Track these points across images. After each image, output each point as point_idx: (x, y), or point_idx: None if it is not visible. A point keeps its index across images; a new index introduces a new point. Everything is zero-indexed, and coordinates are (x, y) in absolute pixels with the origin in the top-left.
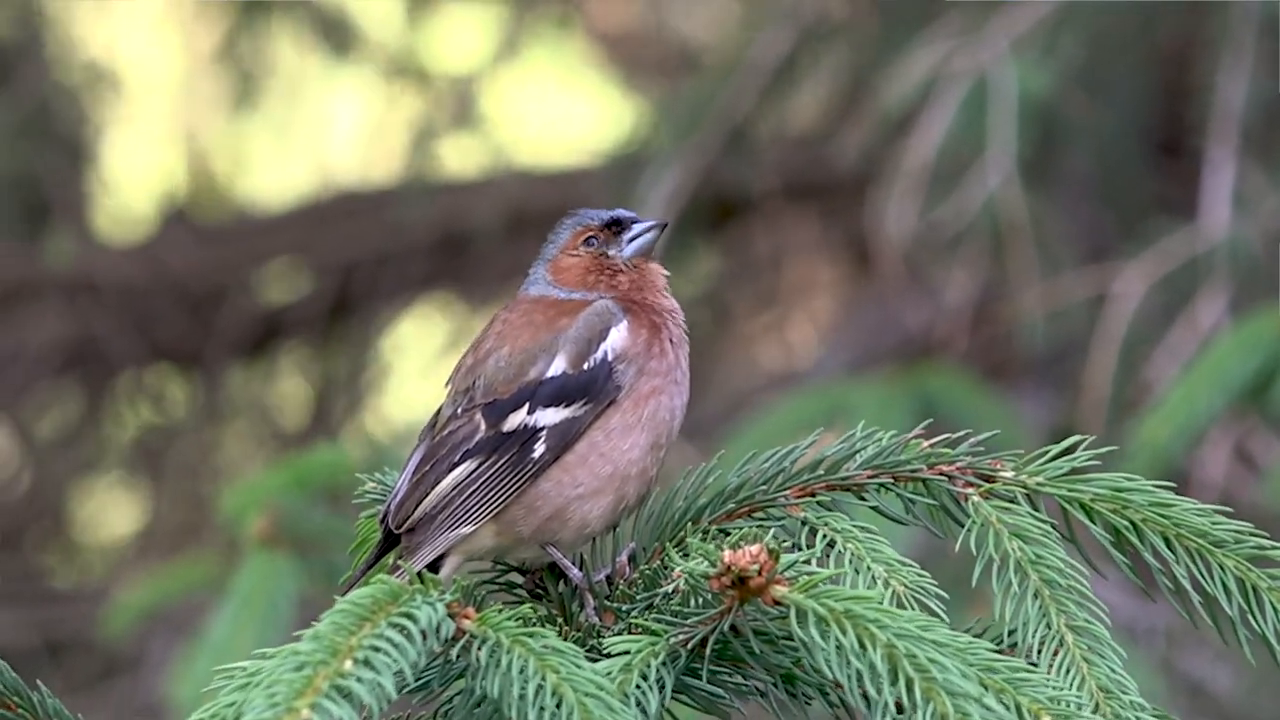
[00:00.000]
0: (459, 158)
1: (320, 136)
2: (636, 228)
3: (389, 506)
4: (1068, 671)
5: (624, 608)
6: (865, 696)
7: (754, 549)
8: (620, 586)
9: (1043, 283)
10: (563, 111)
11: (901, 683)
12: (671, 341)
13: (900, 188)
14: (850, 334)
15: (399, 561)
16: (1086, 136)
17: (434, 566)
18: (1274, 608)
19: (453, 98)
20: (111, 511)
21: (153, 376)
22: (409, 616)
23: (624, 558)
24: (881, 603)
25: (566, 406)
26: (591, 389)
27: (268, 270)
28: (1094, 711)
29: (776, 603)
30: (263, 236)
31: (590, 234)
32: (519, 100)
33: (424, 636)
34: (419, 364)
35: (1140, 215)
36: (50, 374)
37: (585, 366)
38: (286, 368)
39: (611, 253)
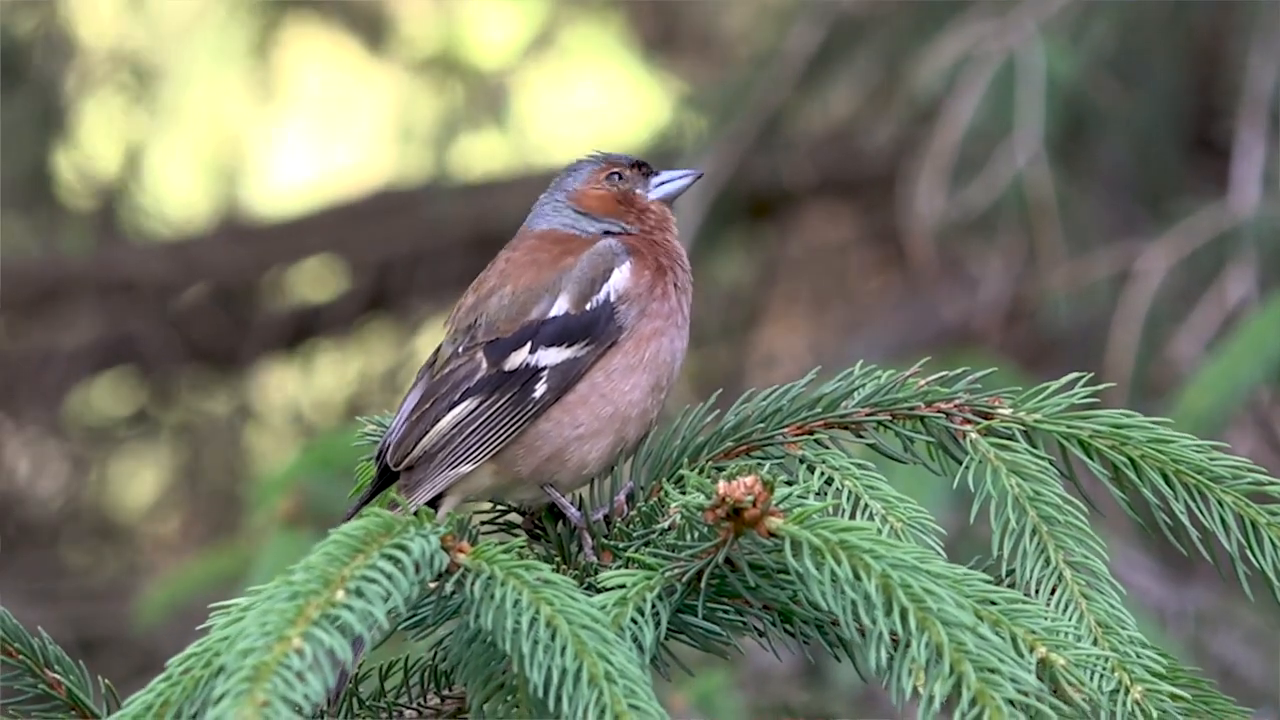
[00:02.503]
0: (492, 155)
1: (354, 133)
2: (667, 174)
3: (386, 443)
4: (1066, 607)
5: (621, 546)
6: (860, 629)
7: (748, 480)
8: (618, 525)
9: (1070, 263)
10: (595, 107)
11: (896, 612)
12: (676, 285)
13: (929, 170)
14: (886, 327)
15: (396, 497)
16: (1117, 121)
17: (432, 505)
18: (1273, 543)
19: (487, 93)
20: (147, 509)
21: (188, 375)
22: (402, 548)
23: (622, 497)
24: (876, 534)
25: (568, 346)
26: (594, 329)
27: (302, 268)
28: (1093, 644)
29: (771, 534)
30: (297, 235)
31: (615, 170)
32: (552, 96)
33: (417, 568)
34: None
35: (1170, 200)
36: (85, 373)
37: (588, 307)
38: (322, 366)
39: (639, 191)
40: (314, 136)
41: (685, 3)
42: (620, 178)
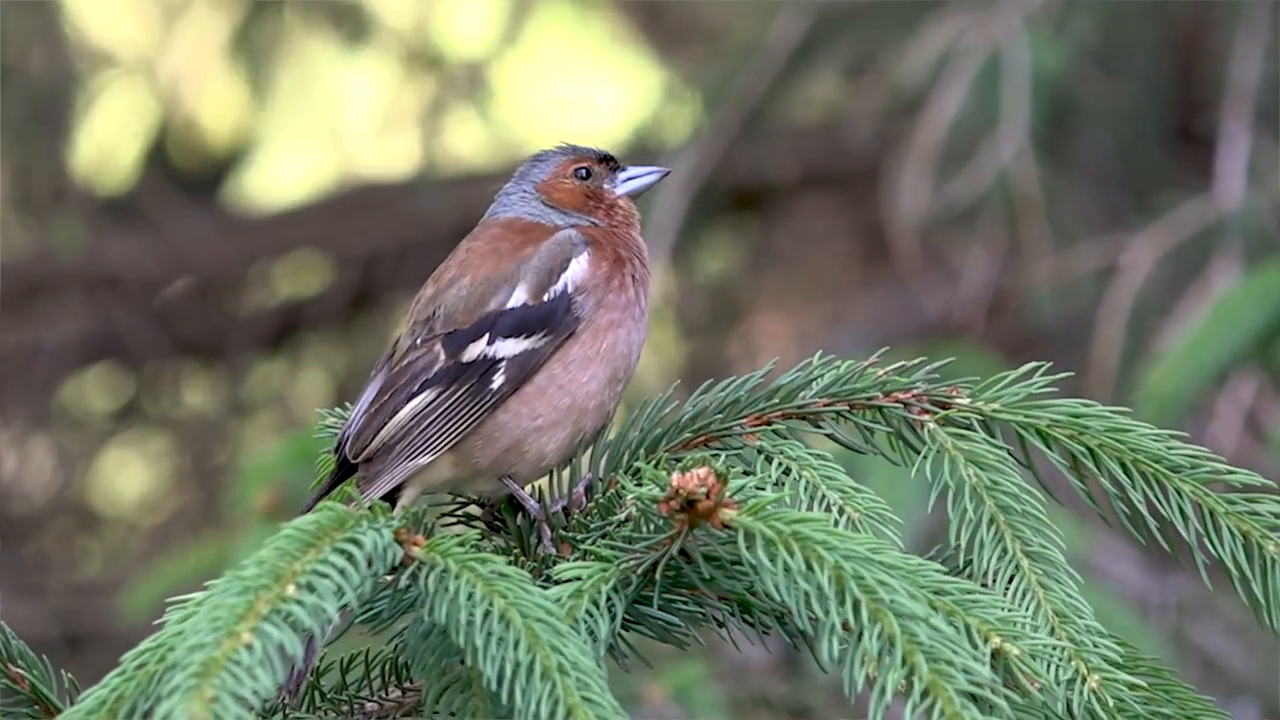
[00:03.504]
0: (476, 147)
1: (337, 126)
2: (634, 169)
3: (345, 435)
4: (1024, 596)
5: (580, 538)
6: (813, 620)
7: (702, 472)
8: (577, 517)
9: (1055, 256)
10: (578, 99)
11: (849, 604)
12: (634, 277)
13: (914, 163)
14: (869, 319)
15: (350, 491)
16: (1101, 114)
17: (391, 498)
18: (1230, 532)
19: (469, 84)
20: (134, 503)
21: (174, 369)
22: (354, 542)
23: (580, 489)
24: (830, 525)
25: (526, 338)
26: (551, 320)
27: (288, 262)
28: (1050, 634)
29: (725, 526)
30: (283, 228)
31: (582, 164)
32: (535, 88)
33: (369, 563)
34: None
35: (1156, 192)
36: (72, 367)
37: (545, 298)
38: (308, 360)
39: (606, 186)
40: (298, 131)
41: None
42: (588, 173)
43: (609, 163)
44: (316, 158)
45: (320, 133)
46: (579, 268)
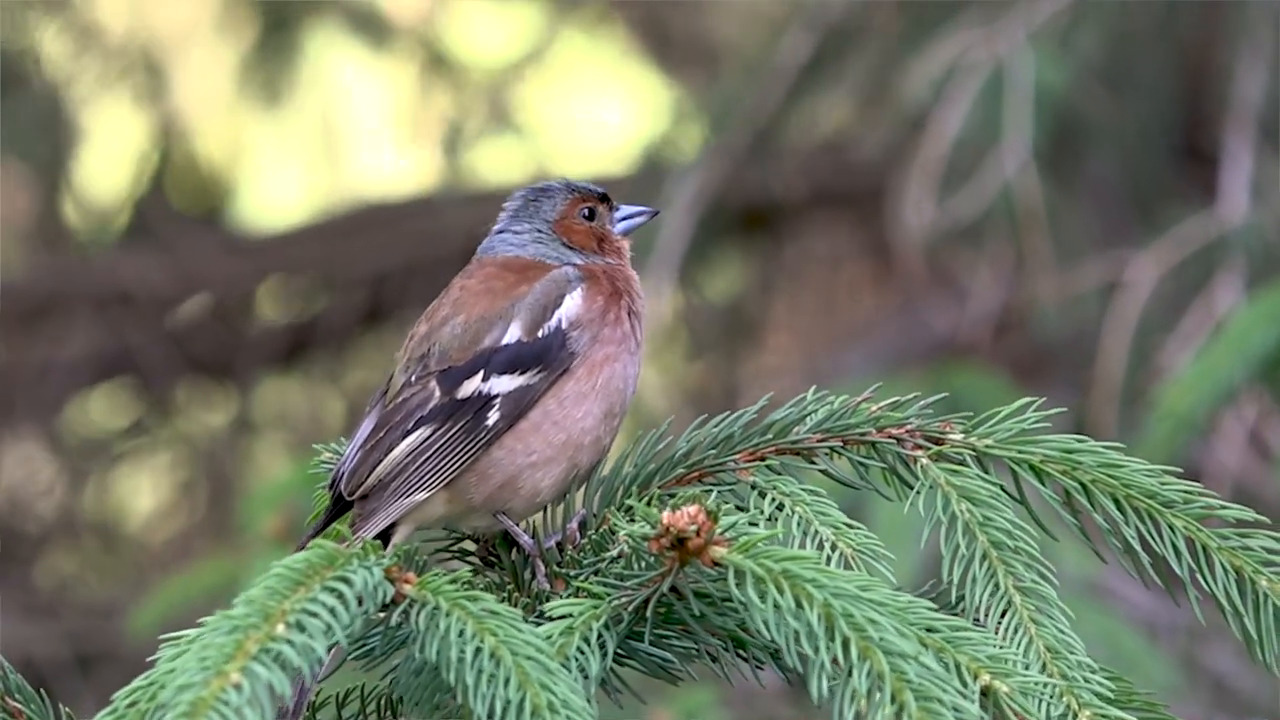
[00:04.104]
0: (488, 164)
1: (351, 144)
2: (627, 208)
3: (339, 472)
4: (1015, 632)
5: (573, 574)
6: (802, 657)
7: (692, 510)
8: (570, 553)
9: (1059, 273)
10: (591, 116)
11: (838, 642)
12: (630, 311)
13: (918, 179)
14: (878, 338)
15: (343, 530)
16: (1105, 130)
17: (385, 535)
18: (1223, 567)
19: (484, 103)
20: (144, 522)
21: (185, 387)
22: (344, 580)
23: (574, 524)
24: (820, 563)
25: (521, 374)
26: (545, 356)
27: (299, 280)
28: (1041, 670)
29: (715, 564)
30: (293, 246)
31: (587, 204)
32: (548, 106)
33: (360, 601)
34: None
35: (1159, 208)
36: (82, 386)
37: (540, 334)
38: (318, 378)
39: (609, 227)
40: (312, 146)
41: (678, 13)
42: (591, 213)
43: (606, 202)
44: (325, 175)
45: (330, 150)
46: (573, 303)
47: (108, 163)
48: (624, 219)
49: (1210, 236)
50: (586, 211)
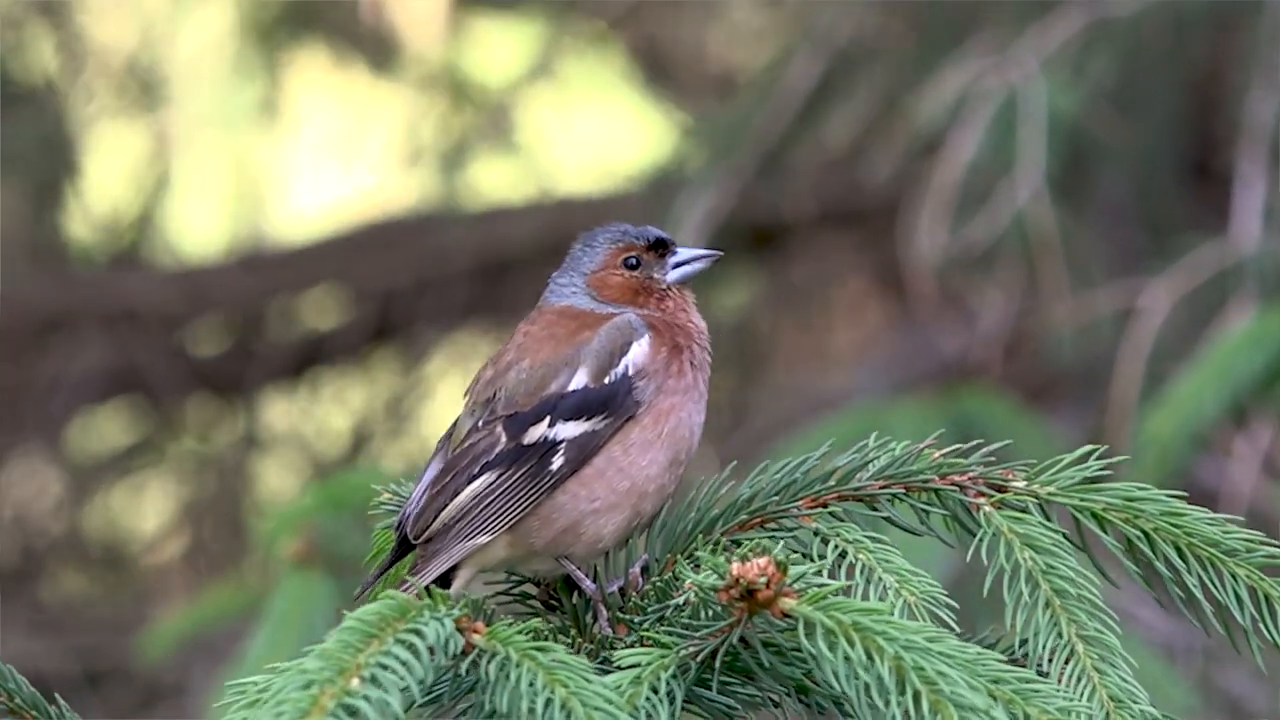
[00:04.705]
0: (497, 183)
1: (359, 161)
2: (684, 253)
3: (406, 515)
4: (1079, 681)
5: (636, 620)
6: (873, 709)
7: (762, 561)
8: (633, 598)
9: (1073, 299)
10: (601, 134)
11: (909, 695)
12: (693, 364)
13: (931, 206)
14: (886, 359)
15: (407, 576)
16: (1119, 156)
17: (446, 578)
18: None
19: (492, 120)
20: (153, 539)
21: (193, 404)
22: (417, 633)
23: (637, 569)
24: (890, 615)
25: (587, 420)
26: (611, 403)
27: (307, 297)
28: None
29: (785, 615)
30: (302, 263)
31: (632, 253)
32: (556, 124)
33: (432, 653)
34: (459, 391)
35: (1173, 234)
36: (90, 402)
37: (606, 381)
38: (327, 394)
39: (656, 275)
40: (320, 164)
41: (682, 34)
42: (637, 261)
43: (660, 248)
44: (336, 191)
45: (340, 166)
46: (640, 351)
47: (114, 179)
48: (679, 264)
49: (1224, 263)
50: (632, 260)
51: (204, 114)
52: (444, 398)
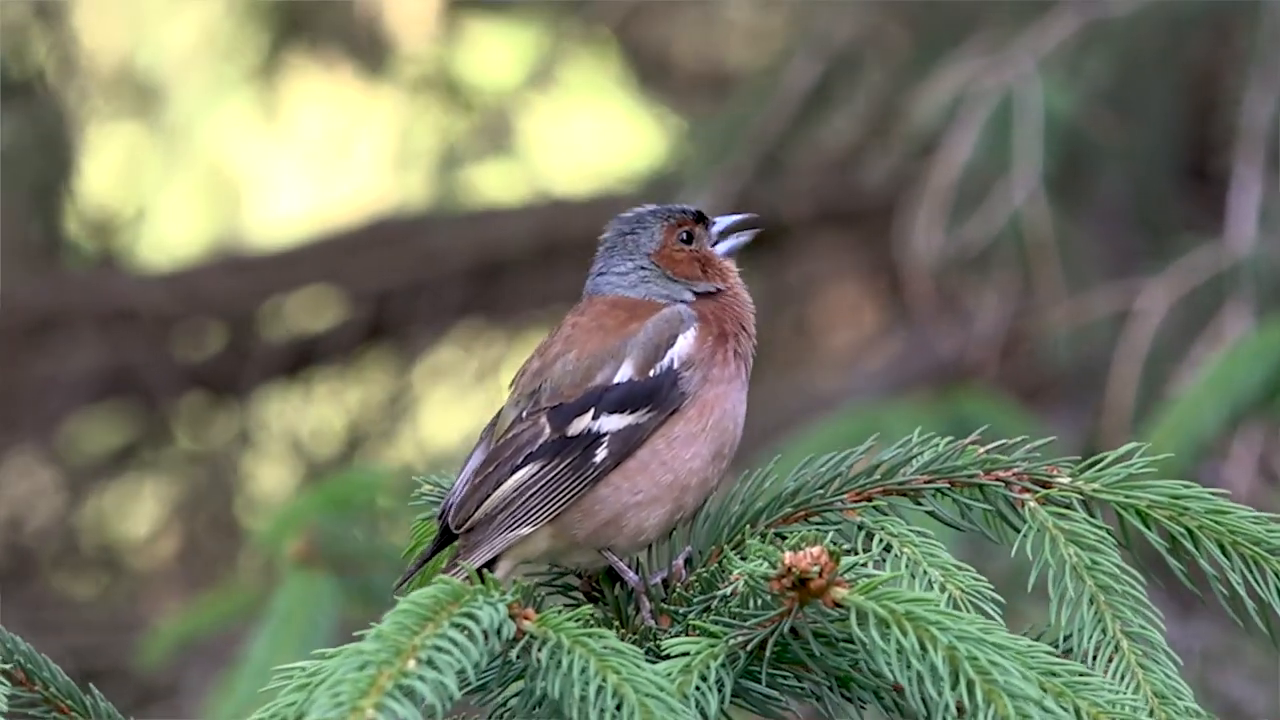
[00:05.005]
0: (493, 183)
1: (354, 161)
2: (722, 221)
3: (448, 505)
4: (1123, 677)
5: (681, 611)
6: (925, 699)
7: (815, 550)
8: (677, 590)
9: (1069, 300)
10: (596, 135)
11: (963, 685)
12: (737, 353)
13: (927, 207)
14: (883, 360)
15: (459, 561)
16: (1115, 157)
17: (488, 568)
18: None
19: (486, 122)
20: (147, 540)
21: (188, 404)
22: (471, 617)
23: (680, 561)
24: (942, 605)
25: (631, 413)
26: (656, 396)
27: (301, 297)
28: (1149, 716)
29: (837, 604)
30: (297, 264)
31: (685, 228)
32: (553, 125)
33: (485, 637)
34: (453, 392)
35: (1169, 235)
36: (85, 402)
37: (651, 373)
38: (321, 395)
39: (709, 249)
40: (314, 164)
41: (682, 36)
42: (690, 236)
43: (701, 220)
44: (325, 194)
45: (329, 168)
46: (685, 343)
47: (107, 180)
48: (722, 232)
49: (1220, 265)
50: (685, 235)
51: (196, 115)
52: (438, 398)
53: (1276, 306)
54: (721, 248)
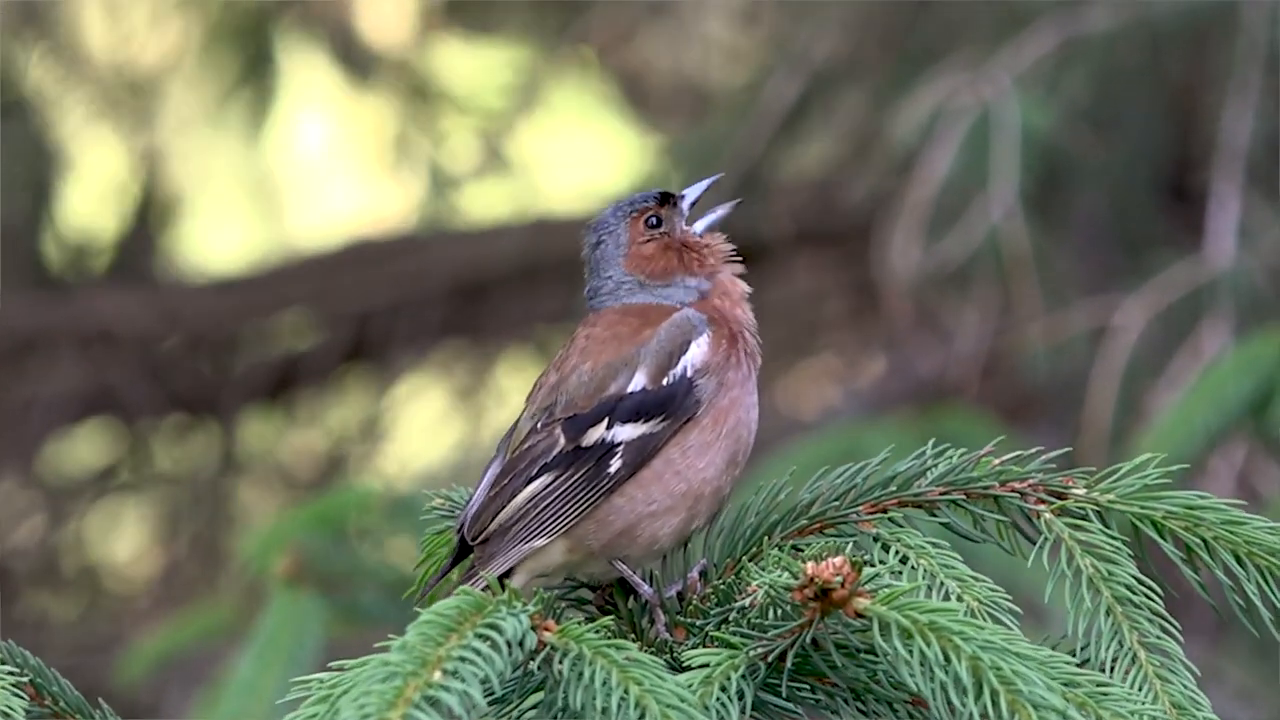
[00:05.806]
0: (477, 204)
1: (334, 182)
2: (692, 192)
3: (465, 517)
4: (1141, 688)
5: (697, 623)
6: (949, 709)
7: (837, 561)
8: (692, 602)
9: (1047, 317)
10: (578, 156)
11: (986, 695)
12: (745, 352)
13: (905, 223)
14: (862, 378)
15: (481, 572)
16: (1092, 173)
17: (502, 580)
18: None
19: (469, 140)
20: (128, 561)
21: (168, 425)
22: (495, 628)
23: (695, 573)
24: (965, 615)
25: (645, 422)
26: (670, 404)
27: (283, 318)
28: None
29: (859, 615)
30: (278, 284)
31: (650, 213)
32: (535, 147)
33: (509, 648)
34: (434, 412)
35: (1147, 252)
36: (65, 423)
37: (665, 382)
38: (302, 416)
39: (685, 227)
40: (301, 183)
41: (662, 55)
42: (658, 220)
43: (668, 200)
44: (306, 212)
45: (309, 185)
46: (699, 350)
47: (91, 197)
48: (694, 204)
49: (1198, 281)
50: (653, 220)
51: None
52: (419, 419)
53: (1254, 322)
54: (699, 225)
